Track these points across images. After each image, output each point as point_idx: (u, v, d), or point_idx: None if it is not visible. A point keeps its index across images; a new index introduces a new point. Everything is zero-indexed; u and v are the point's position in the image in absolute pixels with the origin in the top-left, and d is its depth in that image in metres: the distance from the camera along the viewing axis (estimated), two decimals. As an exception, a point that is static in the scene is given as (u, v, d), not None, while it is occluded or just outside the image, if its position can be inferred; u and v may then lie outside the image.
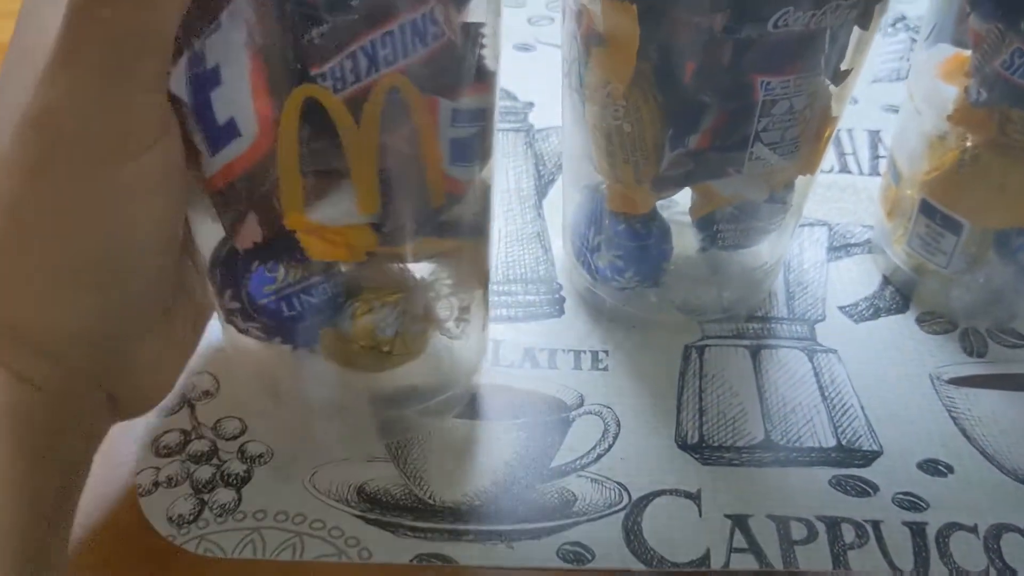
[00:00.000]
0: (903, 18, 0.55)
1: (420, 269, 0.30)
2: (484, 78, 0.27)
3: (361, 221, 0.26)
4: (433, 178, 0.27)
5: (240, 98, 0.23)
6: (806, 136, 0.32)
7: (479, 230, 0.31)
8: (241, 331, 0.28)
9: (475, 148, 0.28)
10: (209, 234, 0.27)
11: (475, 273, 0.32)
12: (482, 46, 0.26)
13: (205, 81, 0.23)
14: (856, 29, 0.31)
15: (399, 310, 0.28)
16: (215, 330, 0.33)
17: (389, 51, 0.23)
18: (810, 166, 0.35)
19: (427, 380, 0.33)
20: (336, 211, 0.25)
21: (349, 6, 0.23)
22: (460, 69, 0.26)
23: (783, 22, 0.28)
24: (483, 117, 0.28)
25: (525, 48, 0.53)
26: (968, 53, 0.34)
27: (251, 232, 0.26)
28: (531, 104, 0.49)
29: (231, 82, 0.23)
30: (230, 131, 0.24)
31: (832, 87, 0.32)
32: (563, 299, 0.40)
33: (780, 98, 0.30)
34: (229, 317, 0.28)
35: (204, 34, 0.22)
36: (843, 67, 0.31)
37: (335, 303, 0.28)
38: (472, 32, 0.25)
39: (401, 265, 0.29)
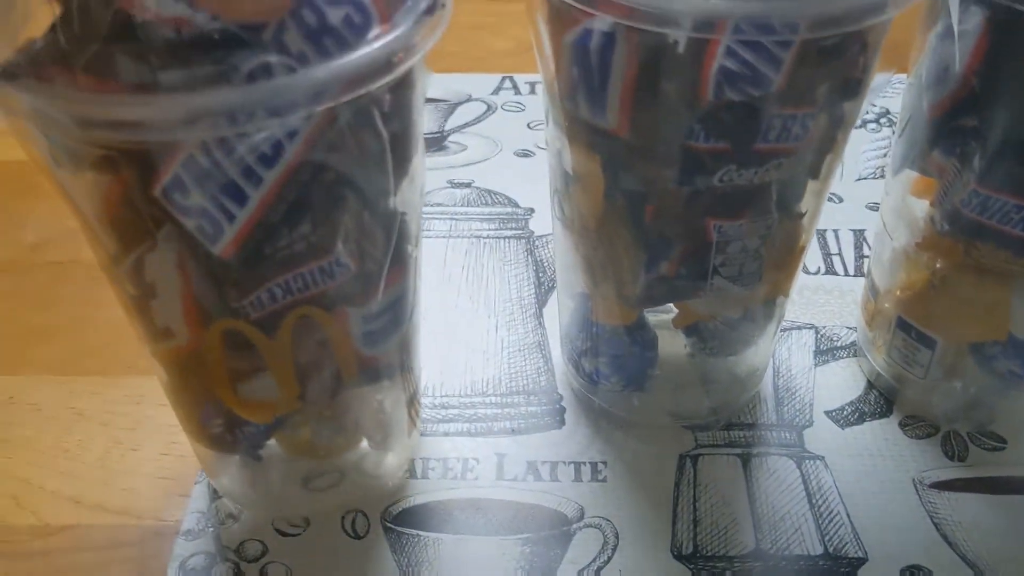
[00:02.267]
0: (887, 113, 0.57)
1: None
2: (401, 262, 0.30)
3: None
4: (346, 364, 0.31)
5: (173, 312, 0.27)
6: (769, 266, 0.34)
7: (402, 367, 0.35)
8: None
9: (390, 330, 0.32)
10: None
11: (401, 393, 0.36)
12: (404, 228, 0.30)
13: (143, 292, 0.27)
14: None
15: (332, 423, 0.33)
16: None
17: (301, 284, 0.28)
18: (781, 289, 0.37)
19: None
20: (263, 390, 0.30)
21: (261, 261, 0.26)
22: (368, 286, 0.29)
23: (728, 177, 0.30)
24: (399, 302, 0.32)
25: (525, 154, 0.55)
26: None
27: None
28: (532, 210, 0.51)
29: (166, 297, 0.27)
30: (167, 334, 0.28)
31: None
32: (563, 409, 0.42)
33: (733, 239, 0.33)
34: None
35: (142, 250, 0.26)
36: (799, 209, 0.34)
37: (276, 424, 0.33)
38: (396, 221, 0.29)
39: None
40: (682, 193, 0.31)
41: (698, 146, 0.30)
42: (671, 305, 0.39)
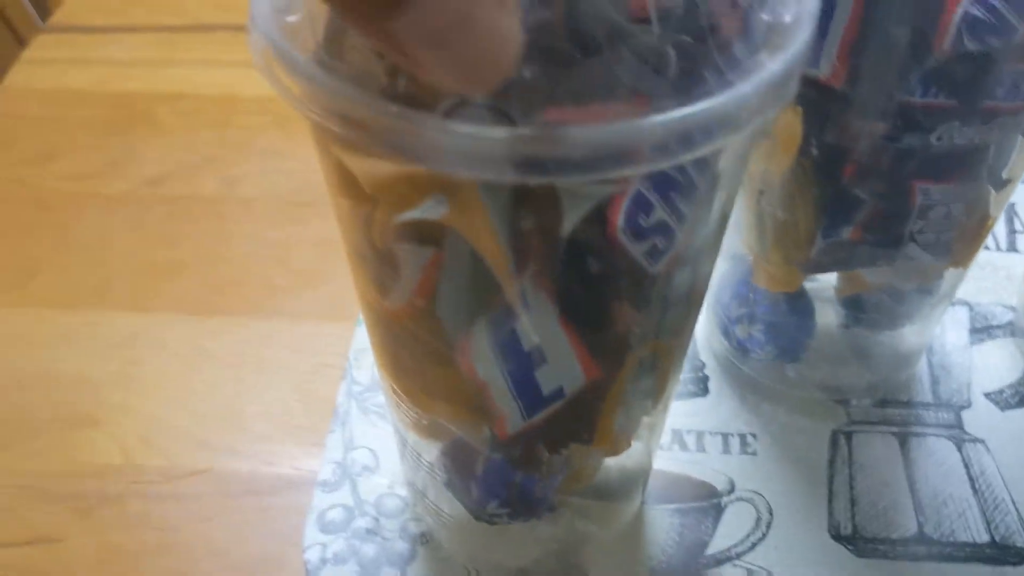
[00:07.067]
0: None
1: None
2: None
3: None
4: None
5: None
6: (961, 237, 0.32)
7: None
8: (492, 523, 0.29)
9: None
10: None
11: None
12: None
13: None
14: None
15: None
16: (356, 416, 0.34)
17: None
18: (963, 261, 0.35)
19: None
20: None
21: None
22: None
23: (947, 136, 0.28)
24: None
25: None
26: None
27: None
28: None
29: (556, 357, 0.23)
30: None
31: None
32: (707, 377, 0.40)
33: (938, 204, 0.30)
34: (491, 519, 0.29)
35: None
36: (1005, 175, 0.31)
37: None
38: None
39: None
40: (889, 151, 0.29)
41: (917, 101, 0.27)
42: (826, 277, 0.36)
